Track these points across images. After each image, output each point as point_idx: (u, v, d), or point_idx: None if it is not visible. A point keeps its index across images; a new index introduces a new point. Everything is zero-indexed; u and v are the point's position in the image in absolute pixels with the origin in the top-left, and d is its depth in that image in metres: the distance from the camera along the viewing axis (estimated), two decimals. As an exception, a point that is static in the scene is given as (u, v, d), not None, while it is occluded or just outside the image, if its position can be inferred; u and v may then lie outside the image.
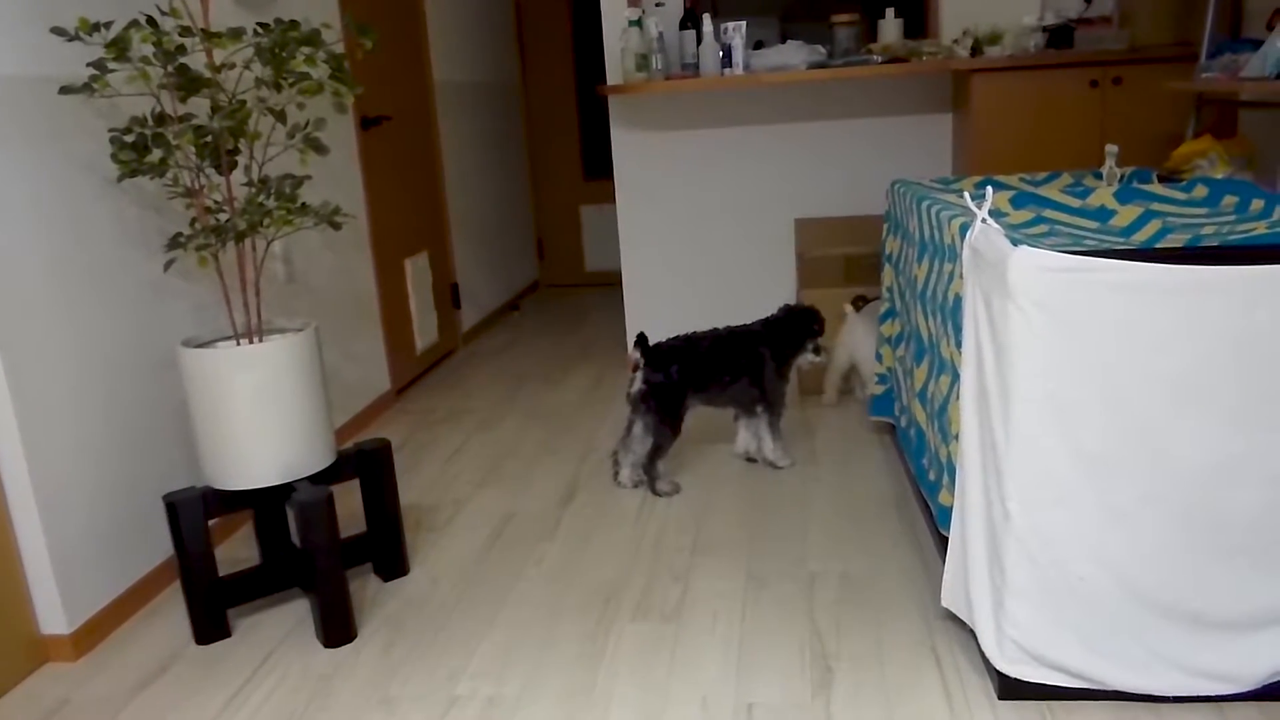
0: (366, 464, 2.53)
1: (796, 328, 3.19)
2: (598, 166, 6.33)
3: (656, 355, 2.99)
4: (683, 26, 4.00)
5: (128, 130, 2.25)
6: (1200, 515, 1.77)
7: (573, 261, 6.59)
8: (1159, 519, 1.78)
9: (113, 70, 2.18)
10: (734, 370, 3.08)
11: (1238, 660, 1.81)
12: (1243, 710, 1.85)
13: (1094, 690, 1.89)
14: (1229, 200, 2.46)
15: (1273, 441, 1.73)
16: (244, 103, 2.26)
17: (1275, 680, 1.82)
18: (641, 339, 3.00)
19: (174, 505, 2.29)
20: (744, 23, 3.84)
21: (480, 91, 5.58)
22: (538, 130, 6.44)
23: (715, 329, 3.15)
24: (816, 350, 3.22)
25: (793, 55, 3.85)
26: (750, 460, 3.28)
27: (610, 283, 6.06)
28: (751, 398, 3.15)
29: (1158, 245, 2.16)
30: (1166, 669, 1.84)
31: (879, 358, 3.26)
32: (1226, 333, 1.70)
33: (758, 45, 4.08)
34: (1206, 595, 1.80)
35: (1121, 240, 2.29)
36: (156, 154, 2.26)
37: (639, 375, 3.00)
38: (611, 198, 4.41)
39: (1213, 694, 1.84)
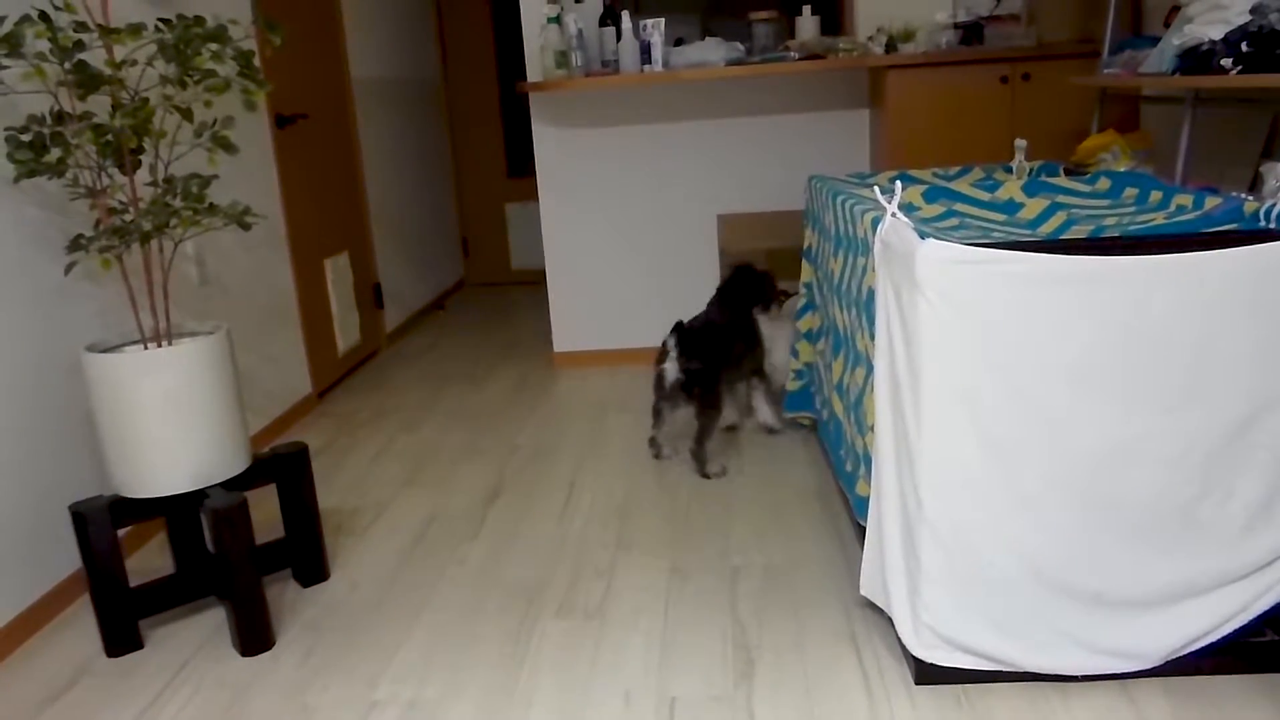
0: (283, 468, 2.48)
1: (759, 286, 3.31)
2: (522, 164, 6.30)
3: (690, 342, 3.04)
4: (602, 23, 4.00)
5: (24, 129, 2.17)
6: (1100, 499, 1.82)
7: (498, 260, 6.55)
8: (1061, 503, 1.83)
9: (6, 67, 2.11)
10: (745, 341, 3.24)
11: (1140, 638, 1.87)
12: (1146, 686, 1.91)
13: (1006, 672, 1.93)
14: (1130, 192, 2.53)
15: (1166, 425, 1.79)
16: (146, 100, 2.21)
17: (1176, 656, 1.89)
18: (678, 328, 3.04)
19: (81, 515, 2.22)
20: (662, 20, 3.85)
21: (400, 88, 5.51)
22: (461, 128, 6.38)
23: (715, 304, 3.30)
24: (780, 302, 3.37)
25: (712, 52, 3.87)
26: (730, 429, 3.46)
27: (537, 280, 6.03)
28: (754, 366, 3.32)
29: (1062, 237, 2.22)
30: (1073, 649, 1.89)
31: (794, 353, 3.30)
32: (1123, 320, 1.76)
33: (678, 42, 4.09)
34: (1108, 575, 1.85)
35: (1029, 232, 2.34)
36: (55, 153, 2.19)
37: (672, 365, 3.03)
38: (537, 195, 4.39)
39: (1118, 671, 1.90)
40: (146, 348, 2.27)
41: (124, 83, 2.19)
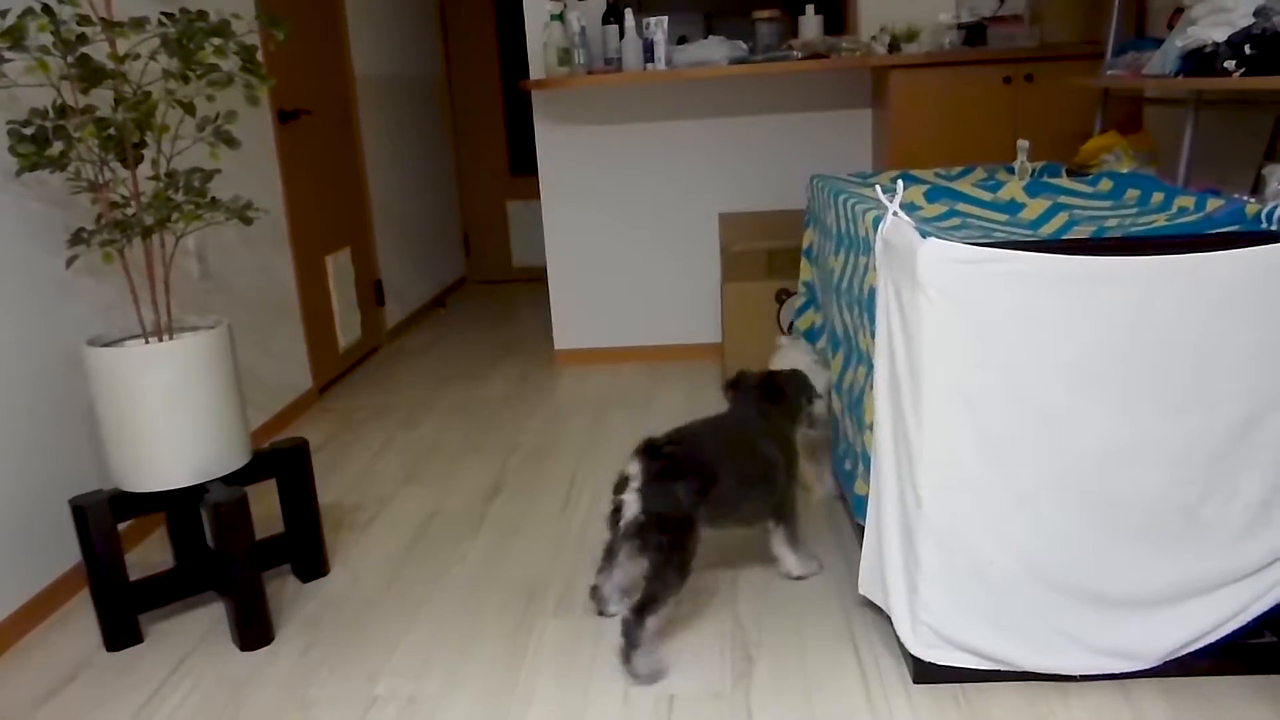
0: (282, 463, 2.49)
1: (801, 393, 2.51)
2: (524, 162, 6.30)
3: (666, 470, 2.09)
4: (605, 21, 3.99)
5: (27, 123, 2.18)
6: (1100, 499, 1.82)
7: (500, 258, 6.55)
8: (1062, 503, 1.83)
9: (9, 60, 2.11)
10: (761, 470, 2.30)
11: (1139, 638, 1.87)
12: (1145, 686, 1.91)
13: (1004, 671, 1.93)
14: (1132, 193, 2.53)
15: (1168, 426, 1.79)
16: (149, 94, 2.21)
17: (1175, 656, 1.89)
18: (649, 448, 2.11)
19: (81, 509, 2.22)
20: (665, 18, 3.85)
21: (403, 85, 5.51)
22: (463, 125, 6.39)
23: (711, 420, 2.39)
24: (811, 422, 2.55)
25: (714, 50, 3.87)
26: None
27: (538, 278, 6.01)
28: (774, 503, 2.35)
29: (1063, 237, 2.22)
30: (1072, 648, 1.89)
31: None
32: (1124, 321, 1.76)
33: (681, 40, 4.10)
34: (1108, 576, 1.85)
35: (1030, 232, 2.34)
36: (57, 147, 2.19)
37: (633, 497, 2.09)
38: (538, 193, 4.40)
39: (1117, 671, 1.90)
40: (148, 342, 2.27)
41: (126, 77, 2.19)
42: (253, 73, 2.31)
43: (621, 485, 2.12)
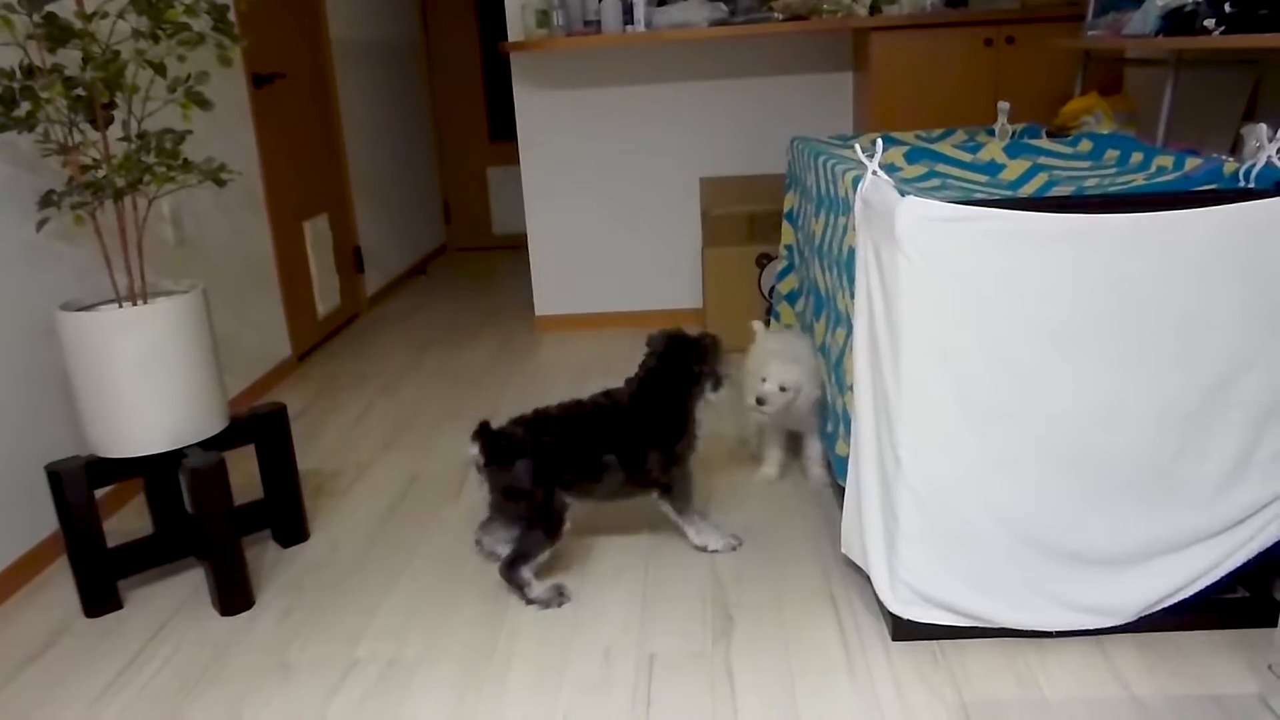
0: (261, 428, 2.47)
1: (696, 358, 2.42)
2: (504, 127, 6.23)
3: (499, 449, 2.21)
4: (584, -18, 3.95)
5: (-7, 83, 2.13)
6: (1079, 457, 1.83)
7: (480, 224, 6.50)
8: (1041, 462, 1.83)
9: (-27, 18, 2.06)
10: (633, 441, 2.33)
11: (1115, 594, 1.89)
12: (1120, 641, 1.94)
13: (982, 628, 1.95)
14: (1111, 154, 2.53)
15: (1147, 384, 1.80)
16: (118, 54, 2.17)
17: (1150, 612, 1.91)
18: (482, 430, 2.21)
19: (57, 475, 2.21)
20: (645, -22, 3.80)
21: (380, 49, 5.44)
22: (442, 90, 6.31)
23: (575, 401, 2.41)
24: (716, 385, 2.42)
25: (694, 12, 3.83)
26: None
27: (519, 245, 5.99)
28: (656, 476, 2.35)
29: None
30: (1049, 605, 1.91)
31: (776, 316, 3.29)
32: (1103, 279, 1.76)
33: (661, 2, 4.05)
34: (1086, 534, 1.87)
35: (1010, 193, 2.34)
36: (25, 108, 2.15)
37: (482, 476, 2.25)
38: (518, 160, 4.36)
39: (1093, 627, 1.92)
40: (121, 306, 2.24)
41: (95, 35, 2.15)
42: (224, 32, 2.27)
43: (477, 466, 2.24)
